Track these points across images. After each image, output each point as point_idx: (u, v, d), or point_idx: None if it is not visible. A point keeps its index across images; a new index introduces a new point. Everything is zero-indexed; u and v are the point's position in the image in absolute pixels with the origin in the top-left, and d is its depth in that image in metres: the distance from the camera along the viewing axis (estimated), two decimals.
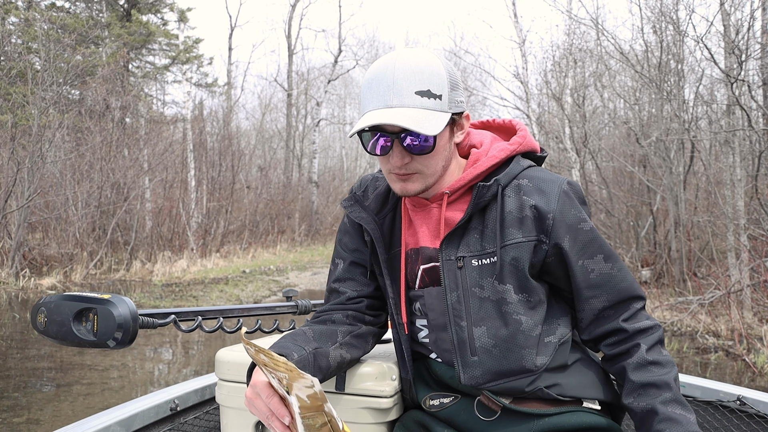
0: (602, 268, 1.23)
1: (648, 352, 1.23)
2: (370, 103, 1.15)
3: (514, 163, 1.25)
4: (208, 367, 5.88)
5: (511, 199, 1.21)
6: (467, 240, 1.23)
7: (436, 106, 1.14)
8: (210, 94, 23.83)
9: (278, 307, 1.80)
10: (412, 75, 1.13)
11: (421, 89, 1.13)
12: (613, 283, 1.24)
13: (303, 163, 25.23)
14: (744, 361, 6.31)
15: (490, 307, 1.21)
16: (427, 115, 1.12)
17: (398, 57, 1.15)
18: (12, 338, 6.96)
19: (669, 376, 1.21)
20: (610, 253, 1.24)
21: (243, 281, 12.40)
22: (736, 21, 8.66)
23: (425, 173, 1.20)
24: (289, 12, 25.80)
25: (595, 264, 1.23)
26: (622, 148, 12.51)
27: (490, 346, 1.21)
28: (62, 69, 13.04)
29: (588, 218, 1.24)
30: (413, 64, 1.14)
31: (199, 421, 1.81)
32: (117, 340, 1.21)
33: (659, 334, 1.26)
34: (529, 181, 1.23)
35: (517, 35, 13.43)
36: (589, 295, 1.24)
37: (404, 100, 1.12)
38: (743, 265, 8.04)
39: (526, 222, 1.20)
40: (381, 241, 1.31)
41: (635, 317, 1.26)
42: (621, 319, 1.24)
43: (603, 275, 1.23)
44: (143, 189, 14.96)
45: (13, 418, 4.30)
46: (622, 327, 1.24)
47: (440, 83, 1.15)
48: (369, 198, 1.36)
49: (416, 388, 1.36)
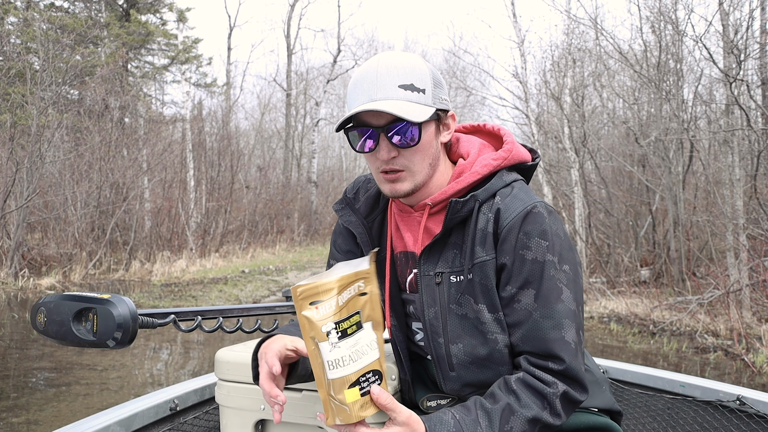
0: (528, 305, 1.14)
1: (515, 382, 1.13)
2: (354, 101, 1.16)
3: (496, 179, 1.21)
4: (208, 367, 5.88)
5: (483, 216, 1.18)
6: (446, 255, 1.21)
7: (419, 99, 1.15)
8: (209, 94, 23.83)
9: (278, 307, 1.80)
10: (394, 70, 1.14)
11: (404, 83, 1.14)
12: (533, 327, 1.13)
13: (302, 163, 25.21)
14: (743, 361, 6.31)
15: (467, 325, 1.18)
16: (411, 106, 1.13)
17: (381, 57, 1.17)
18: (11, 338, 6.95)
19: (515, 408, 1.10)
20: (548, 296, 1.13)
21: (242, 281, 12.40)
22: (735, 21, 8.67)
23: (413, 170, 1.18)
24: (288, 12, 25.80)
25: (523, 295, 1.14)
26: (621, 148, 12.52)
27: (467, 362, 1.20)
28: (61, 69, 13.02)
29: (545, 250, 1.14)
30: (396, 61, 1.16)
31: (198, 421, 1.81)
32: (117, 340, 1.21)
33: (555, 393, 1.11)
34: (501, 199, 1.18)
35: (516, 35, 13.43)
36: (511, 329, 1.16)
37: (388, 93, 1.13)
38: (742, 264, 8.05)
39: (488, 240, 1.17)
40: (369, 245, 1.32)
41: (542, 368, 1.13)
42: (528, 364, 1.14)
43: (525, 312, 1.14)
44: (142, 189, 14.95)
45: (13, 418, 4.29)
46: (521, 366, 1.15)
47: (423, 78, 1.16)
48: (360, 200, 1.36)
49: (414, 389, 1.37)
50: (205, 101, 23.28)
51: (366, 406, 0.97)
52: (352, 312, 0.95)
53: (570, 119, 12.15)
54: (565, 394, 1.11)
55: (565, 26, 13.08)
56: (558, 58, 13.03)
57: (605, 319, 8.55)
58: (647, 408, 2.13)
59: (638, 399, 2.15)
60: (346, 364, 0.94)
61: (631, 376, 2.17)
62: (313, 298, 0.93)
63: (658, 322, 8.03)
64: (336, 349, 0.93)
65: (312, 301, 0.93)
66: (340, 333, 0.93)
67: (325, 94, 25.70)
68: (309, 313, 0.93)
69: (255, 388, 1.42)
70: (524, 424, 1.08)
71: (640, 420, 2.14)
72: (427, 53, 33.77)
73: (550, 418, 1.10)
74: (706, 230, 9.86)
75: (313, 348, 0.94)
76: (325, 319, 0.93)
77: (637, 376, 2.15)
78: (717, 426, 1.91)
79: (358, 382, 0.95)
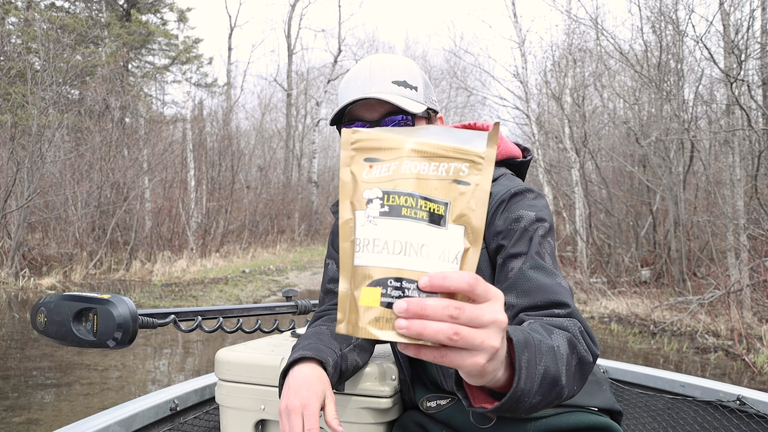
0: (518, 265, 1.11)
1: (529, 324, 0.96)
2: (347, 96, 1.18)
3: None
4: (208, 367, 5.89)
5: None
6: None
7: (412, 95, 1.18)
8: (210, 94, 23.84)
9: (278, 307, 1.80)
10: (388, 68, 1.18)
11: (397, 79, 1.17)
12: (527, 278, 1.08)
13: (303, 163, 25.22)
14: (743, 361, 6.31)
15: None
16: (405, 99, 1.16)
17: (373, 57, 1.21)
18: (12, 338, 6.96)
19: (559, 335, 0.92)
20: (537, 252, 1.10)
21: (243, 281, 12.40)
22: (736, 21, 8.67)
23: None
24: (289, 12, 25.81)
25: (515, 263, 1.11)
26: (621, 148, 12.52)
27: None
28: (62, 69, 13.04)
29: (534, 219, 1.13)
30: (389, 60, 1.19)
31: (199, 421, 1.81)
32: (117, 340, 1.21)
33: (575, 326, 0.99)
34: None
35: (517, 35, 13.43)
36: (505, 296, 1.08)
37: (382, 88, 1.15)
38: (743, 264, 8.05)
39: None
40: None
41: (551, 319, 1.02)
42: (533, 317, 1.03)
43: (518, 272, 1.10)
44: (143, 189, 14.96)
45: (13, 418, 4.30)
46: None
47: (415, 77, 1.19)
48: None
49: (414, 389, 1.37)
50: (206, 101, 23.31)
51: (381, 323, 0.63)
52: (426, 195, 0.65)
53: (571, 119, 12.15)
54: (583, 331, 0.99)
55: (566, 26, 13.09)
56: (558, 58, 13.04)
57: (606, 319, 8.55)
58: (647, 408, 2.13)
59: (638, 399, 2.16)
60: (379, 251, 0.64)
61: (632, 376, 2.17)
62: (371, 153, 0.68)
63: (659, 323, 8.03)
64: (371, 225, 0.65)
65: (368, 157, 0.68)
66: (387, 207, 0.65)
67: (325, 94, 25.71)
68: (357, 168, 0.67)
69: (255, 389, 1.42)
70: (566, 343, 0.91)
71: (640, 420, 2.14)
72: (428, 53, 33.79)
73: (582, 349, 0.95)
74: (707, 230, 9.86)
75: (348, 217, 0.67)
76: (372, 183, 0.66)
77: (637, 376, 2.15)
78: (717, 426, 1.91)
79: (383, 283, 0.63)
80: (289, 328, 1.81)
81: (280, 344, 1.59)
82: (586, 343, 0.98)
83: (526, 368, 0.77)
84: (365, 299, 0.63)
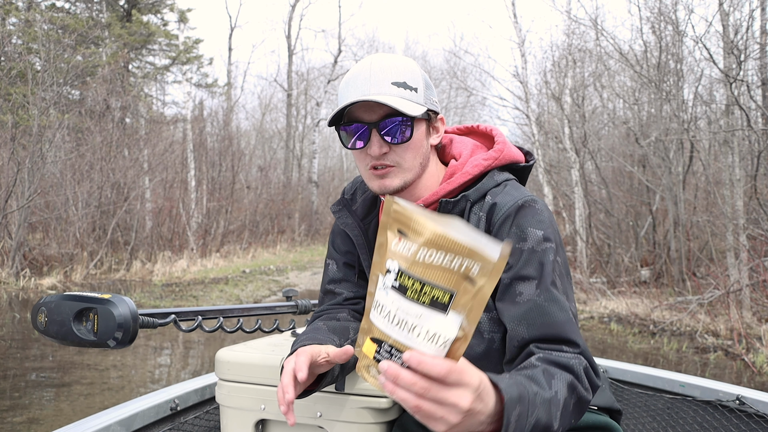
0: (530, 294, 1.09)
1: (536, 359, 1.02)
2: (346, 97, 1.16)
3: (487, 178, 1.20)
4: (208, 367, 5.89)
5: (474, 216, 1.17)
6: None
7: (412, 97, 1.15)
8: (210, 95, 23.83)
9: (278, 307, 1.80)
10: (388, 68, 1.16)
11: (397, 80, 1.15)
12: (541, 312, 1.07)
13: (303, 163, 25.22)
14: (743, 361, 6.31)
15: None
16: (404, 101, 1.14)
17: (374, 57, 1.18)
18: (12, 338, 6.96)
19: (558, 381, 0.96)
20: (550, 282, 1.09)
21: (243, 281, 12.40)
22: (735, 21, 8.67)
23: (403, 166, 1.18)
24: (289, 12, 25.81)
25: (524, 287, 1.10)
26: (621, 148, 12.52)
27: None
28: (62, 69, 13.04)
29: (541, 239, 1.11)
30: (389, 60, 1.17)
31: (199, 420, 1.81)
32: (117, 340, 1.21)
33: (580, 365, 1.02)
34: (491, 198, 1.17)
35: (517, 35, 13.44)
36: (514, 322, 1.09)
37: (381, 89, 1.14)
38: (742, 264, 8.05)
39: None
40: (365, 247, 1.31)
41: (557, 350, 1.05)
42: (541, 350, 1.05)
43: (530, 302, 1.08)
44: (143, 189, 14.96)
45: (14, 418, 4.30)
46: (536, 354, 1.05)
47: (416, 78, 1.17)
48: (357, 202, 1.35)
49: None
50: (206, 101, 23.30)
51: (370, 371, 0.78)
52: (435, 282, 0.71)
53: (570, 119, 12.16)
54: (588, 369, 1.03)
55: (566, 27, 13.09)
56: (558, 59, 13.04)
57: (605, 319, 8.55)
58: (647, 408, 2.13)
59: (638, 399, 2.16)
60: (383, 317, 0.75)
61: (631, 375, 2.17)
62: (402, 226, 0.75)
63: (659, 322, 8.03)
64: (384, 292, 0.75)
65: (400, 228, 0.75)
66: (398, 284, 0.74)
67: (325, 95, 25.71)
68: (391, 235, 0.76)
69: (255, 388, 1.43)
70: (565, 388, 0.96)
71: (640, 420, 2.14)
72: (428, 53, 33.78)
73: (582, 389, 1.00)
74: (707, 230, 9.86)
75: (378, 273, 0.77)
76: (395, 255, 0.75)
77: (637, 376, 2.16)
78: (717, 426, 1.91)
79: (380, 343, 0.76)
80: (289, 328, 1.81)
81: (280, 344, 1.60)
82: (589, 380, 1.03)
83: (515, 422, 0.82)
84: (366, 348, 0.78)
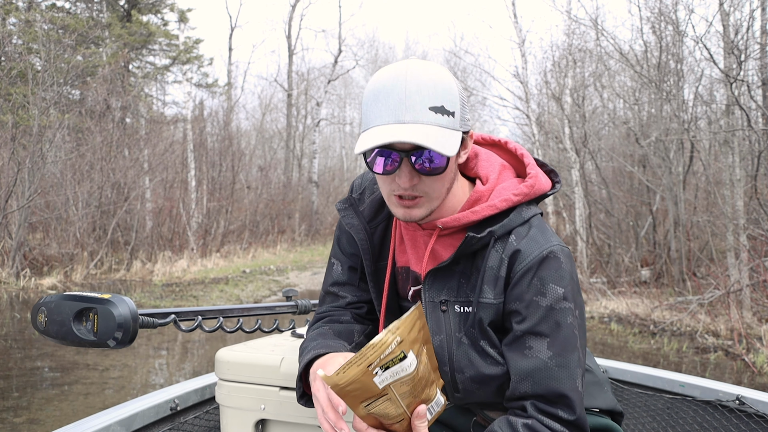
0: (541, 352, 1.09)
1: (522, 427, 1.07)
2: (378, 117, 1.04)
3: (514, 214, 1.14)
4: (208, 367, 5.89)
5: (496, 254, 1.13)
6: (451, 283, 1.16)
7: (449, 123, 1.04)
8: (210, 95, 23.82)
9: (278, 307, 1.80)
10: (426, 89, 1.03)
11: (435, 105, 1.03)
12: (548, 376, 1.08)
13: (303, 163, 25.23)
14: (743, 361, 6.31)
15: (473, 355, 1.15)
16: (443, 133, 1.02)
17: (409, 69, 1.05)
18: (12, 338, 6.96)
19: None
20: (563, 344, 1.08)
21: (243, 281, 12.41)
22: (736, 21, 8.67)
23: (431, 196, 1.10)
24: (289, 12, 25.82)
25: (536, 343, 1.09)
26: (621, 148, 12.52)
27: (474, 388, 1.18)
28: (63, 69, 13.04)
29: (561, 296, 1.09)
30: (426, 77, 1.04)
31: (199, 420, 1.81)
32: (117, 340, 1.21)
33: None
34: (516, 240, 1.12)
35: (517, 35, 13.44)
36: (519, 375, 1.10)
37: (418, 116, 1.02)
38: (742, 264, 8.05)
39: (499, 283, 1.12)
40: (369, 252, 1.26)
41: (552, 416, 1.08)
42: (536, 411, 1.08)
43: (539, 360, 1.08)
44: (143, 189, 14.97)
45: (14, 418, 4.30)
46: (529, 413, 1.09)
47: (453, 99, 1.05)
48: (365, 202, 1.29)
49: None
50: (207, 101, 23.29)
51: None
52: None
53: (571, 119, 12.16)
54: None
55: (566, 27, 13.09)
56: (558, 59, 13.04)
57: (606, 319, 8.56)
58: (647, 408, 2.13)
59: (638, 399, 2.16)
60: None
61: (631, 375, 2.17)
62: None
63: (659, 322, 8.03)
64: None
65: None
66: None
67: (326, 95, 25.71)
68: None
69: (255, 388, 1.43)
70: None
71: (640, 420, 2.14)
72: (428, 53, 33.76)
73: None
74: (707, 230, 9.86)
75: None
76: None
77: (636, 376, 2.16)
78: (716, 426, 1.91)
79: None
80: (289, 328, 1.81)
81: (280, 344, 1.60)
82: None
83: None
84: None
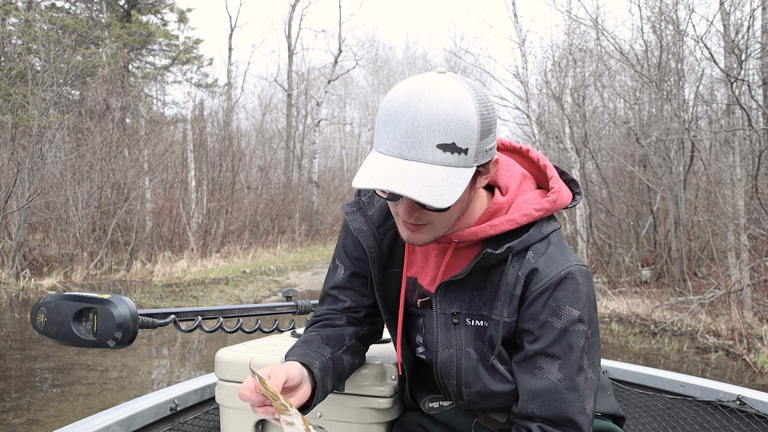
0: (552, 374, 1.08)
1: None
2: (383, 143, 0.98)
3: (534, 230, 1.11)
4: (208, 367, 5.89)
5: (513, 270, 1.10)
6: (464, 295, 1.15)
7: (459, 161, 0.97)
8: (210, 95, 23.82)
9: (278, 307, 1.80)
10: (437, 123, 0.94)
11: (444, 142, 0.95)
12: (557, 398, 1.07)
13: (303, 163, 25.23)
14: (744, 361, 6.31)
15: (482, 371, 1.14)
16: (447, 176, 0.96)
17: (424, 95, 0.96)
18: (12, 338, 6.96)
19: None
20: (574, 367, 1.07)
21: (243, 281, 12.41)
22: (736, 20, 8.67)
23: (437, 225, 1.07)
24: (289, 12, 25.81)
25: (547, 364, 1.08)
26: (622, 148, 12.52)
27: (480, 400, 1.18)
28: (62, 69, 13.04)
29: (576, 319, 1.07)
30: (440, 109, 0.95)
31: (199, 421, 1.81)
32: (117, 340, 1.21)
33: None
34: (534, 257, 1.10)
35: (517, 35, 13.43)
36: (528, 395, 1.10)
37: (423, 154, 0.95)
38: (743, 264, 8.04)
39: (513, 301, 1.10)
40: (377, 260, 1.22)
41: None
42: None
43: (549, 382, 1.08)
44: (143, 189, 14.97)
45: (14, 419, 4.30)
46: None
47: (468, 135, 0.96)
48: (374, 206, 1.25)
49: (416, 390, 1.36)
50: (207, 102, 23.28)
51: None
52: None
53: (571, 119, 12.15)
54: None
55: (566, 26, 13.08)
56: (559, 58, 13.03)
57: (606, 319, 8.55)
58: (647, 408, 2.13)
59: (638, 399, 2.16)
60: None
61: (632, 376, 2.17)
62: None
63: (659, 322, 8.03)
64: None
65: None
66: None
67: (326, 95, 25.71)
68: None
69: None
70: None
71: (640, 420, 2.14)
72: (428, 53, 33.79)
73: None
74: (707, 230, 9.86)
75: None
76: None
77: (637, 376, 2.15)
78: (717, 426, 1.91)
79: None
80: (289, 328, 1.81)
81: (280, 344, 1.60)
82: None
83: None
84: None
